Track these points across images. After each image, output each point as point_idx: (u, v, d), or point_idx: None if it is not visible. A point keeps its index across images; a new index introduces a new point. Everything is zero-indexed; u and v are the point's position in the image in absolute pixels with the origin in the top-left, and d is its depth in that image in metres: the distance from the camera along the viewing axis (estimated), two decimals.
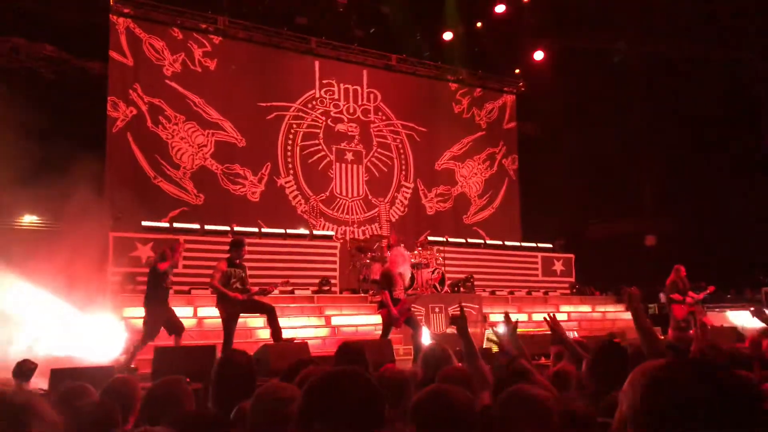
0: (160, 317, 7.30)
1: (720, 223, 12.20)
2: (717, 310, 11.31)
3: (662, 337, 9.86)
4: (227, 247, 7.68)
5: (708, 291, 9.68)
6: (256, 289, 7.52)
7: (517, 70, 16.45)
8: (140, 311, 8.80)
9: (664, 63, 12.68)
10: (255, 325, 8.80)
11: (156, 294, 7.37)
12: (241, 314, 7.46)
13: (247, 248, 7.76)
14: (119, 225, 9.88)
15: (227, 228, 10.74)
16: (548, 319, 4.06)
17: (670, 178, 13.29)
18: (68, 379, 4.20)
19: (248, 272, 7.83)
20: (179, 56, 12.42)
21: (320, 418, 1.54)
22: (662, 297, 10.20)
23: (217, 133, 12.63)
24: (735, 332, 9.06)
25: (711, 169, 12.38)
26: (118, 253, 9.44)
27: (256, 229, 11.24)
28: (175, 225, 10.57)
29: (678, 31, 12.15)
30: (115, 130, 11.58)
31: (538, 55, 15.09)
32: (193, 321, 8.97)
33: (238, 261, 7.41)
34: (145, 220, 10.19)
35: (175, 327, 7.46)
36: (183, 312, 9.12)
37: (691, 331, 9.02)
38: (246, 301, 7.20)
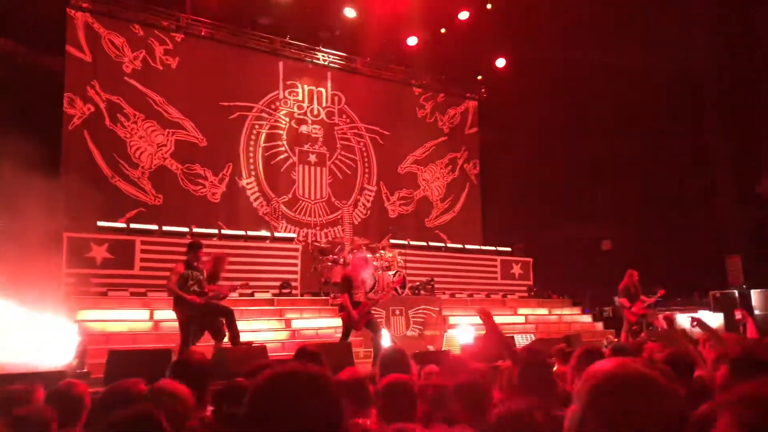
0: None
1: (672, 229, 12.58)
2: (667, 313, 11.65)
3: (615, 340, 10.13)
4: (185, 249, 7.58)
5: (658, 295, 9.97)
6: (211, 293, 7.43)
7: (479, 77, 16.68)
8: (95, 314, 8.66)
9: (622, 72, 13.01)
10: None
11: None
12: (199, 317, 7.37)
13: (204, 250, 7.66)
14: (74, 225, 9.64)
15: (186, 229, 10.60)
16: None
17: (626, 185, 13.64)
18: (17, 383, 4.09)
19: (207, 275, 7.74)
20: (140, 53, 12.20)
21: (267, 424, 1.37)
22: (617, 300, 10.46)
23: (177, 132, 12.45)
24: (684, 334, 9.34)
25: (665, 175, 12.75)
26: (72, 254, 9.22)
27: (216, 231, 11.12)
28: (132, 226, 10.38)
29: (636, 41, 12.48)
30: (72, 127, 11.31)
31: (500, 63, 15.34)
32: (149, 324, 8.83)
33: (195, 263, 7.32)
34: (101, 220, 9.98)
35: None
36: (139, 315, 9.00)
37: (642, 334, 9.28)
38: (203, 304, 7.11)
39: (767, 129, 12.37)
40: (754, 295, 12.00)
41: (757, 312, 11.49)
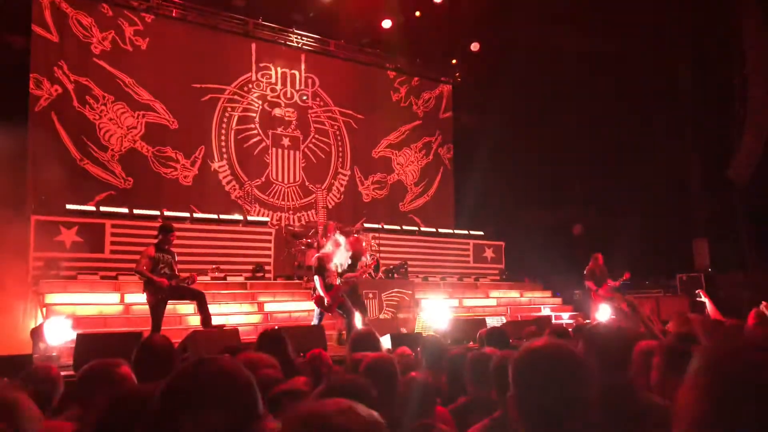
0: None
1: (642, 213, 12.80)
2: (635, 296, 11.90)
3: (586, 322, 10.33)
4: (156, 233, 7.53)
5: (624, 278, 10.18)
6: (186, 275, 7.41)
7: (454, 61, 16.69)
8: (63, 297, 8.56)
9: (598, 58, 13.12)
10: (185, 311, 8.67)
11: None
12: (169, 300, 7.35)
13: (176, 233, 7.61)
14: (42, 208, 9.49)
15: (157, 213, 10.51)
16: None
17: (597, 170, 13.83)
18: None
19: (179, 258, 7.71)
20: (108, 34, 11.94)
21: (180, 419, 1.27)
22: (585, 284, 10.67)
23: (148, 114, 12.26)
24: (646, 319, 9.57)
25: (635, 161, 12.94)
26: (40, 238, 9.09)
27: (187, 214, 11.06)
28: (102, 209, 10.26)
29: (610, 27, 12.58)
30: (38, 108, 11.05)
31: (474, 47, 15.36)
32: (120, 307, 8.78)
33: (166, 246, 7.28)
34: (69, 203, 9.83)
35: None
36: (109, 298, 8.93)
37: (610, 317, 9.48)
38: (174, 287, 7.08)
39: (737, 114, 12.61)
40: None
41: None
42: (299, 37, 14.37)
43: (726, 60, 12.60)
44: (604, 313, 9.85)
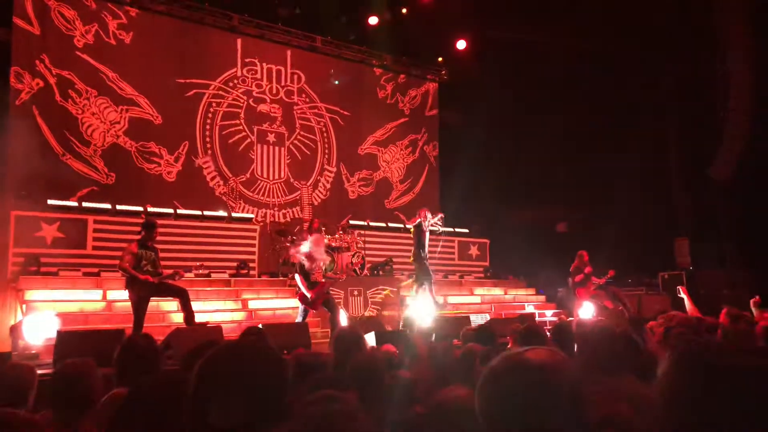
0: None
1: (625, 212, 12.91)
2: (613, 288, 12.01)
3: (570, 319, 10.40)
4: (140, 229, 7.47)
5: (608, 276, 10.26)
6: (169, 272, 7.36)
7: (440, 59, 16.70)
8: (44, 294, 8.46)
9: (583, 59, 13.20)
10: (168, 308, 8.61)
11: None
12: (152, 297, 7.30)
13: (159, 230, 7.56)
14: (22, 203, 9.37)
15: (140, 209, 10.43)
16: None
17: (582, 169, 13.91)
18: None
19: (162, 255, 7.66)
20: (92, 27, 11.81)
21: (216, 399, 1.37)
22: (569, 281, 10.74)
23: (131, 109, 12.14)
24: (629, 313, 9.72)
25: (619, 159, 13.04)
26: (20, 233, 8.98)
27: (171, 211, 10.99)
28: (84, 204, 10.16)
29: (596, 26, 12.64)
30: (19, 102, 10.90)
31: (461, 45, 15.39)
32: (102, 304, 8.68)
33: (149, 243, 7.22)
34: (51, 199, 9.72)
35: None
36: (91, 295, 8.84)
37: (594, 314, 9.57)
38: (157, 284, 7.03)
39: (720, 113, 12.73)
40: None
41: None
42: (285, 32, 14.29)
43: (708, 61, 12.72)
44: (587, 310, 9.93)
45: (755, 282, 10.61)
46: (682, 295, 6.69)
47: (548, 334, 4.09)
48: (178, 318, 7.91)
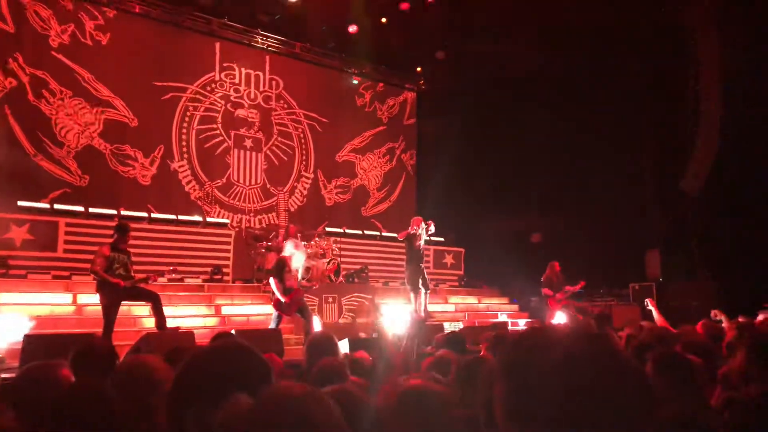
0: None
1: (598, 224, 13.10)
2: (589, 304, 12.20)
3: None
4: (112, 232, 7.39)
5: (579, 286, 10.41)
6: (142, 276, 7.29)
7: (418, 68, 16.80)
8: (13, 297, 8.30)
9: (558, 71, 13.40)
10: (139, 313, 8.51)
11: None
12: (124, 302, 7.22)
13: (132, 233, 7.48)
14: None
15: (114, 212, 10.31)
16: None
17: (556, 180, 14.10)
18: None
19: (136, 259, 7.59)
20: (68, 27, 11.67)
21: (196, 404, 1.30)
22: (542, 291, 10.87)
23: (107, 111, 12.01)
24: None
25: (593, 171, 13.24)
26: None
27: (145, 214, 10.88)
28: (56, 206, 10.01)
29: (571, 41, 12.85)
30: None
31: (439, 55, 15.50)
32: (72, 308, 8.55)
33: (122, 246, 7.14)
34: (21, 200, 9.57)
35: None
36: (62, 299, 8.70)
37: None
38: (129, 288, 6.95)
39: (689, 128, 13.01)
40: None
41: None
42: (264, 38, 14.27)
43: (681, 74, 12.99)
44: (559, 320, 10.05)
45: (723, 293, 10.85)
46: (650, 307, 6.82)
47: None
48: (150, 323, 7.82)
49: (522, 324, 11.84)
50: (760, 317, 6.28)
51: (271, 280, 8.10)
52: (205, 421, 1.26)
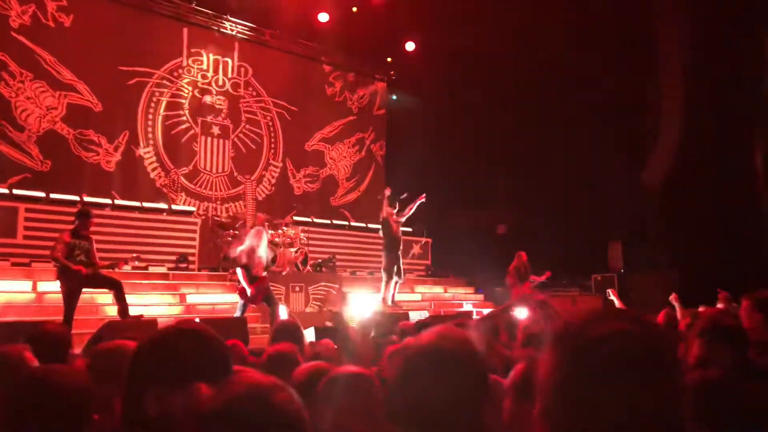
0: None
1: (563, 216, 13.33)
2: (553, 294, 12.41)
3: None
4: (74, 218, 7.26)
5: (545, 276, 10.59)
6: (104, 263, 7.19)
7: (389, 59, 16.79)
8: None
9: (526, 64, 13.52)
10: (102, 301, 8.39)
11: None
12: (85, 289, 7.11)
13: (94, 220, 7.36)
14: None
15: (76, 198, 10.11)
16: None
17: (521, 173, 14.28)
18: None
19: (99, 246, 7.47)
20: (29, 8, 11.33)
21: (155, 382, 1.31)
22: (507, 281, 11.03)
23: (70, 95, 11.73)
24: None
25: (557, 164, 13.45)
26: None
27: (109, 201, 10.70)
28: (15, 192, 9.78)
29: (540, 36, 12.97)
30: None
31: (410, 46, 15.52)
32: (32, 296, 8.38)
33: (84, 232, 7.02)
34: None
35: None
36: (21, 286, 8.53)
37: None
38: (90, 276, 6.84)
39: (651, 123, 13.28)
40: None
41: None
42: (233, 24, 14.07)
43: (643, 70, 13.23)
44: (522, 309, 10.20)
45: (683, 284, 11.15)
46: (612, 297, 6.99)
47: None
48: (113, 311, 7.72)
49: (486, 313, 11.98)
50: (720, 306, 6.48)
51: (238, 270, 8.07)
52: (164, 402, 1.27)
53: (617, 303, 6.66)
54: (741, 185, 11.98)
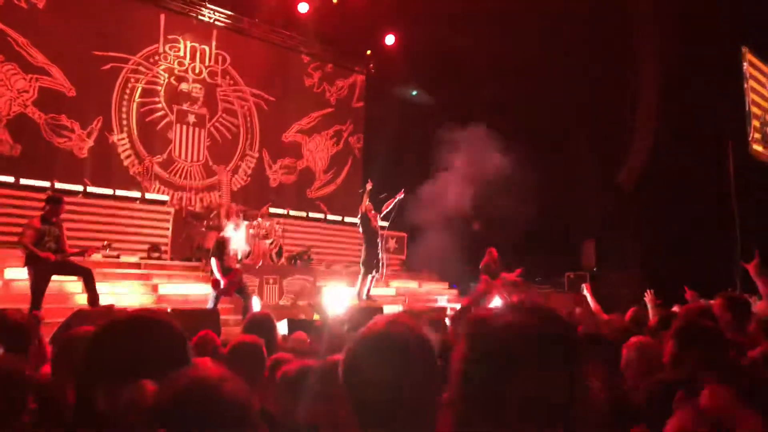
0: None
1: (537, 213, 13.44)
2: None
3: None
4: (44, 204, 7.12)
5: (517, 272, 10.68)
6: (75, 250, 7.07)
7: (368, 52, 16.72)
8: None
9: (505, 61, 13.58)
10: (72, 290, 8.24)
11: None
12: (55, 276, 6.98)
13: (66, 207, 7.23)
14: None
15: (47, 184, 9.92)
16: None
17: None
18: None
19: (70, 234, 7.34)
20: None
21: (105, 377, 1.27)
22: (480, 277, 11.10)
23: (42, 78, 11.47)
24: None
25: (533, 162, 13.54)
26: None
27: (80, 188, 10.51)
28: None
29: (520, 33, 13.04)
30: None
31: (389, 40, 15.48)
32: None
33: (54, 219, 6.89)
34: None
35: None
36: None
37: None
38: (59, 263, 6.72)
39: (628, 121, 13.46)
40: None
41: None
42: (212, 11, 13.88)
43: (620, 69, 13.39)
44: (495, 304, 10.29)
45: (653, 282, 11.33)
46: (586, 293, 7.02)
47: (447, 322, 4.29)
48: (83, 300, 7.59)
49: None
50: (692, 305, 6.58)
51: (213, 261, 8.01)
52: (115, 397, 1.23)
53: (591, 301, 6.71)
54: (713, 186, 12.24)
